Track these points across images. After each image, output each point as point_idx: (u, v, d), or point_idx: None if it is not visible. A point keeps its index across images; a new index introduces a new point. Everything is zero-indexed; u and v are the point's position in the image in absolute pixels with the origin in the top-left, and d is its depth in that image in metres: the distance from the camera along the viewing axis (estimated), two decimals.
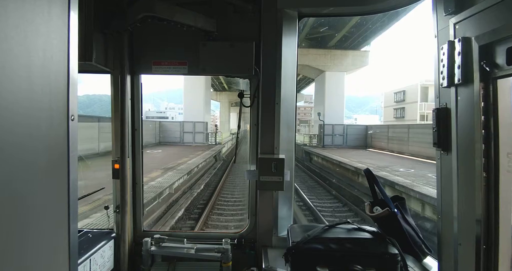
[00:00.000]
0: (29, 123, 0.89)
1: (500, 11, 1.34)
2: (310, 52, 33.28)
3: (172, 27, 2.54)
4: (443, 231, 1.80)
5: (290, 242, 2.10)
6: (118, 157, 2.69)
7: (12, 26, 0.81)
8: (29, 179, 0.89)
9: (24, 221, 0.88)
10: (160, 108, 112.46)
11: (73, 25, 1.04)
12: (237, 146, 3.41)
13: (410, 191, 11.31)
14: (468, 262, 1.53)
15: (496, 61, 1.40)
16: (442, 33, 1.74)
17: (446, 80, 1.63)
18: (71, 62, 1.04)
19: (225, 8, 2.71)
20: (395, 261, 1.87)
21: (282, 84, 2.65)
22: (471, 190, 1.51)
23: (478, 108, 1.46)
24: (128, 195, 2.74)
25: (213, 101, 56.81)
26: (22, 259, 0.87)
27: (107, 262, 2.59)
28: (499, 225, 1.45)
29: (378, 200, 2.18)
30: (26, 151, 0.88)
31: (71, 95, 1.04)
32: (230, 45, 2.63)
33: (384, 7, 2.56)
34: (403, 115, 50.48)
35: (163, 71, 2.78)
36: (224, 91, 60.90)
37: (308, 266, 1.90)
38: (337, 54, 33.52)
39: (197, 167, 17.31)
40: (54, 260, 1.02)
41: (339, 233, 2.07)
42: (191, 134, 32.05)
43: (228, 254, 2.66)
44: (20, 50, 0.85)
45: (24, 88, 0.87)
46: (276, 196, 2.72)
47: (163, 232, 2.88)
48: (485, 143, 1.46)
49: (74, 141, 1.06)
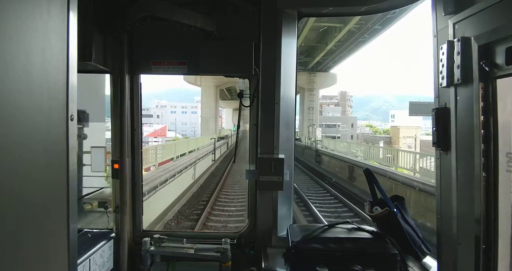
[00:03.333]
0: (29, 123, 0.89)
1: (500, 11, 1.34)
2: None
3: (172, 27, 2.54)
4: (443, 231, 1.80)
5: (289, 242, 2.10)
6: (118, 157, 2.68)
7: (12, 26, 0.81)
8: (28, 179, 0.89)
9: (24, 221, 0.87)
10: (149, 105, 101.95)
11: (73, 25, 1.04)
12: (236, 146, 3.41)
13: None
14: (468, 261, 1.53)
15: (495, 61, 1.40)
16: (441, 33, 1.74)
17: (446, 80, 1.63)
18: (70, 62, 1.03)
19: (224, 8, 2.71)
20: (395, 261, 1.87)
21: (282, 84, 2.65)
22: (470, 189, 1.51)
23: (477, 108, 1.46)
24: (128, 195, 2.74)
25: (193, 88, 47.18)
26: (22, 259, 0.87)
27: (107, 262, 2.58)
28: (498, 224, 1.45)
29: (378, 199, 2.18)
30: (26, 151, 0.88)
31: (70, 95, 1.04)
32: (230, 45, 2.63)
33: (383, 7, 2.57)
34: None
35: (163, 71, 2.78)
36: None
37: (307, 266, 1.90)
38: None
39: None
40: (53, 260, 1.02)
41: (338, 233, 2.08)
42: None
43: (228, 254, 2.66)
44: (20, 50, 0.85)
45: (23, 88, 0.86)
46: (276, 195, 2.72)
47: (162, 232, 2.88)
48: (484, 143, 1.46)
49: (74, 140, 1.06)
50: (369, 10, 2.68)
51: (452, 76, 1.59)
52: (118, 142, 2.68)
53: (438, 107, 1.77)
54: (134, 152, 2.83)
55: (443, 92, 1.73)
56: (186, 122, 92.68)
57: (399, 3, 2.43)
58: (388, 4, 2.49)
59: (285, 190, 2.63)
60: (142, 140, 2.93)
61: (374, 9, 2.63)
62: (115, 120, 2.68)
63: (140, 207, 2.91)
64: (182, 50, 2.75)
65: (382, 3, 2.49)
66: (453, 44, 1.58)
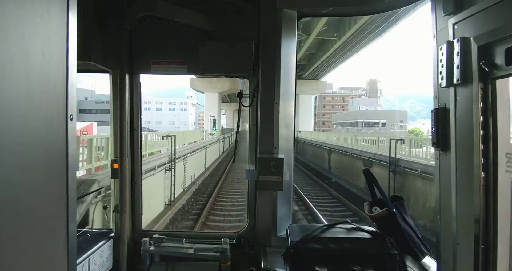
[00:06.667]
0: (28, 122, 0.89)
1: (499, 12, 1.34)
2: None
3: (171, 27, 2.53)
4: (442, 231, 1.81)
5: (289, 242, 2.10)
6: (117, 157, 2.68)
7: (11, 25, 0.81)
8: (27, 178, 0.89)
9: (23, 221, 0.87)
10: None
11: (72, 25, 1.04)
12: (236, 146, 3.41)
13: None
14: (467, 261, 1.53)
15: (495, 62, 1.40)
16: (441, 33, 1.74)
17: (445, 80, 1.63)
18: (70, 62, 1.03)
19: (224, 8, 2.71)
20: (394, 261, 1.88)
21: (282, 84, 2.65)
22: (470, 189, 1.52)
23: (477, 109, 1.46)
24: (127, 194, 2.73)
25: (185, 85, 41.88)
26: (21, 259, 0.87)
27: (106, 262, 2.58)
28: (497, 224, 1.45)
29: (377, 200, 2.18)
30: (25, 150, 0.88)
31: (69, 95, 1.04)
32: (230, 45, 2.63)
33: (383, 7, 2.57)
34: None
35: (162, 70, 2.78)
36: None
37: (307, 266, 1.90)
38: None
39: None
40: (52, 260, 1.02)
41: (338, 233, 2.08)
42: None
43: (227, 254, 2.65)
44: (19, 49, 0.85)
45: (23, 87, 0.86)
46: (275, 195, 2.72)
47: (162, 232, 2.88)
48: (484, 143, 1.46)
49: (73, 140, 1.06)
50: (369, 10, 2.68)
51: (452, 77, 1.60)
52: (118, 142, 2.67)
53: (438, 107, 1.77)
54: (134, 151, 2.83)
55: (443, 92, 1.73)
56: (174, 121, 77.87)
57: (399, 3, 2.44)
58: (388, 4, 2.49)
59: (284, 190, 2.63)
60: (142, 139, 2.93)
61: (374, 9, 2.64)
62: (115, 120, 2.68)
63: (140, 207, 2.91)
64: (182, 50, 2.75)
65: (382, 3, 2.50)
66: (452, 44, 1.59)
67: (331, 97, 75.96)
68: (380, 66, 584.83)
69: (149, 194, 10.53)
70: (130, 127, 2.79)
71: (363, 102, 63.08)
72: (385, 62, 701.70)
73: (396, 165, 15.75)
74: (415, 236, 2.05)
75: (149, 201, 10.20)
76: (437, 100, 1.79)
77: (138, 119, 2.83)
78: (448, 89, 1.66)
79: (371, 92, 74.87)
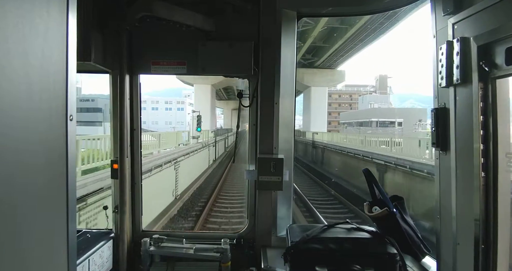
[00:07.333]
0: (28, 123, 0.89)
1: (499, 11, 1.34)
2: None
3: (171, 27, 2.53)
4: (442, 231, 1.81)
5: (289, 242, 2.10)
6: (117, 157, 2.68)
7: (11, 25, 0.81)
8: (27, 179, 0.89)
9: (23, 221, 0.87)
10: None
11: (72, 25, 1.04)
12: (236, 145, 3.41)
13: None
14: (467, 261, 1.53)
15: (495, 61, 1.40)
16: (440, 33, 1.74)
17: (445, 80, 1.63)
18: (69, 62, 1.03)
19: (224, 8, 2.70)
20: (394, 261, 1.87)
21: (281, 84, 2.65)
22: (470, 189, 1.52)
23: (477, 108, 1.46)
24: (127, 195, 2.73)
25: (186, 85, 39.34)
26: (21, 259, 0.87)
27: (106, 262, 2.58)
28: (497, 224, 1.45)
29: (377, 199, 2.18)
30: (25, 151, 0.88)
31: (69, 95, 1.04)
32: (229, 45, 2.63)
33: (383, 7, 2.57)
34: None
35: (162, 71, 2.78)
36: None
37: (307, 266, 1.90)
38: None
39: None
40: (52, 260, 1.02)
41: (338, 233, 2.07)
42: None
43: (227, 254, 2.65)
44: (19, 50, 0.85)
45: (22, 88, 0.86)
46: (275, 196, 2.72)
47: (162, 232, 2.87)
48: (484, 143, 1.46)
49: (73, 140, 1.06)
50: (369, 10, 2.68)
51: (451, 77, 1.60)
52: (118, 142, 2.67)
53: (438, 107, 1.77)
54: (134, 152, 2.83)
55: (443, 92, 1.73)
56: (171, 121, 71.96)
57: (398, 3, 2.44)
58: (387, 4, 2.49)
59: (284, 190, 2.63)
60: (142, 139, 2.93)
61: (374, 9, 2.64)
62: (115, 120, 2.68)
63: (140, 207, 2.91)
64: (182, 50, 2.75)
65: (381, 3, 2.49)
66: (452, 44, 1.59)
67: (337, 94, 67.55)
68: (380, 66, 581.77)
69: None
70: (130, 128, 2.79)
71: (374, 100, 55.93)
72: (385, 62, 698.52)
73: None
74: (415, 236, 2.05)
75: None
76: (437, 100, 1.79)
77: (138, 119, 2.83)
78: (448, 89, 1.66)
79: (381, 90, 67.25)
